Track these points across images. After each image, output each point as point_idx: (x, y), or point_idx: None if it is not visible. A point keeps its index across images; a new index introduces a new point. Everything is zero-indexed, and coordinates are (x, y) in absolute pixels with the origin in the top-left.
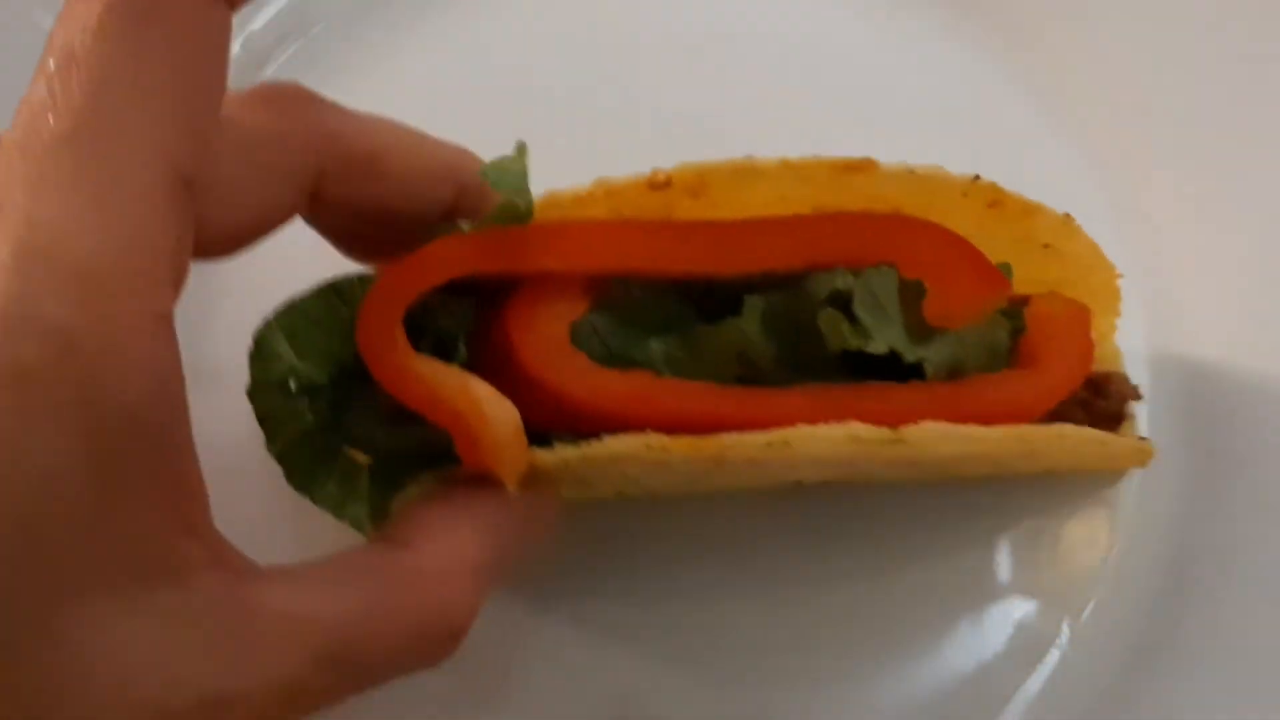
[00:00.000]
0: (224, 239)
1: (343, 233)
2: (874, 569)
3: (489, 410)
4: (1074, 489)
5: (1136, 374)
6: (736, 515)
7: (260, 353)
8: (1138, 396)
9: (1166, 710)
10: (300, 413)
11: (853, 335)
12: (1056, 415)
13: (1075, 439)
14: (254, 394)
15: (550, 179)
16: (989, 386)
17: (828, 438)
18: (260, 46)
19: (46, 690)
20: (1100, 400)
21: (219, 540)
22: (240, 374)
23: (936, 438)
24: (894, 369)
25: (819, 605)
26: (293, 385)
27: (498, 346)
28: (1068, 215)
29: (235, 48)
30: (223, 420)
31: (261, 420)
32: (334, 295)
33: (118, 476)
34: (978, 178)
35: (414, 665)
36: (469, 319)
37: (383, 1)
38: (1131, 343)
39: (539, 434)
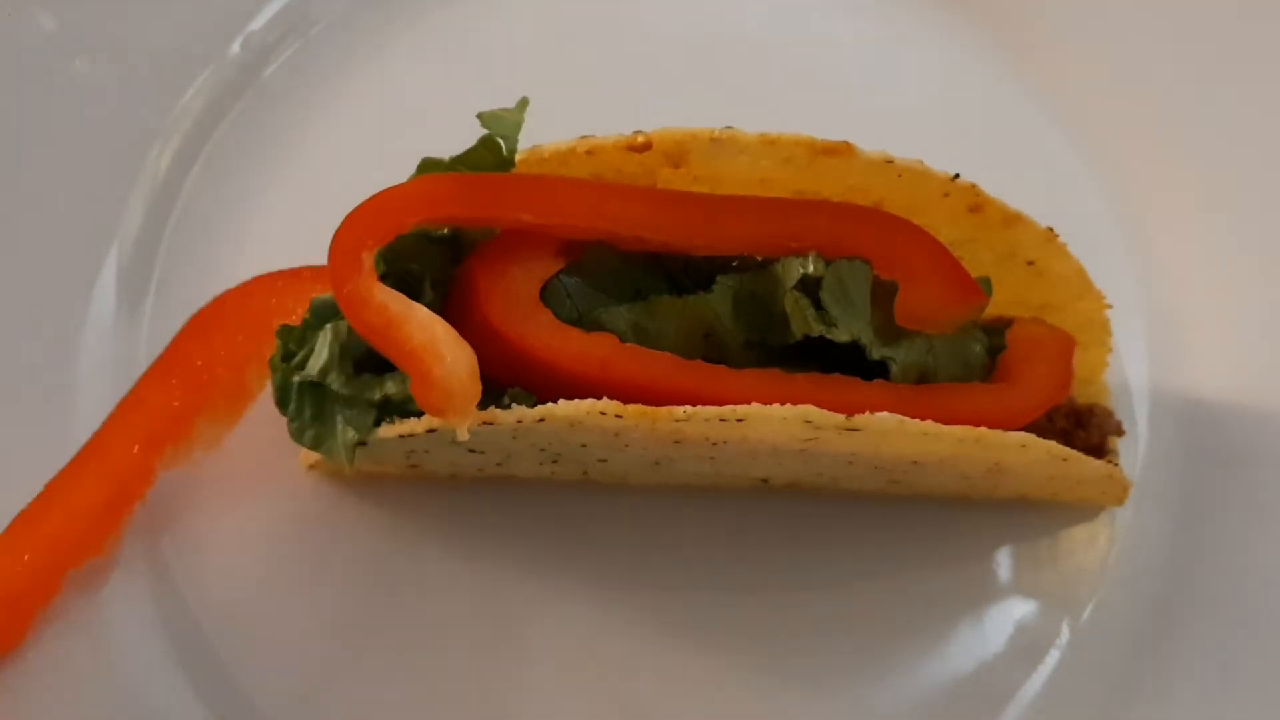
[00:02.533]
0: None
1: None
2: (877, 571)
3: (446, 351)
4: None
5: (1138, 378)
6: (742, 519)
7: None
8: (1120, 431)
9: (1166, 710)
10: None
11: (817, 321)
12: None
13: (1038, 451)
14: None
15: None
16: (954, 395)
17: (781, 418)
18: (260, 46)
19: None
20: (1081, 432)
21: None
22: None
23: (890, 429)
24: (861, 368)
25: (821, 607)
26: None
27: (466, 294)
28: (1050, 229)
29: (235, 47)
30: None
31: None
32: None
33: None
34: (957, 176)
35: None
36: (442, 265)
37: (382, 1)
38: (1132, 349)
39: (498, 392)
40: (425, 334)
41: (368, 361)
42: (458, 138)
